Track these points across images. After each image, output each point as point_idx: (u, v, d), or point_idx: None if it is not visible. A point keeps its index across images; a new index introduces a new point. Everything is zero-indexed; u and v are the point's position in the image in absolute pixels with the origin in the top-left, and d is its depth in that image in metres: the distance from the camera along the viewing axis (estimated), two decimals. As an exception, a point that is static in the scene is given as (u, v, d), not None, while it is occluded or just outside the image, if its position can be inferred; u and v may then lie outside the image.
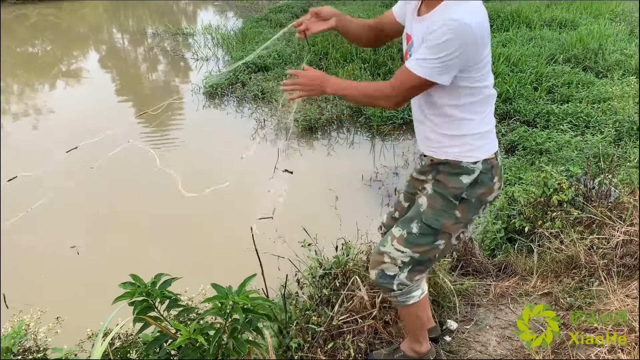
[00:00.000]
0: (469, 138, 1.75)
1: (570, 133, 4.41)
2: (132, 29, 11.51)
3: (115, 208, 4.00)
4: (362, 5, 10.29)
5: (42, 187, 3.58)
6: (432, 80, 1.62)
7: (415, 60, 1.61)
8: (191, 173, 4.46)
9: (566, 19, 8.45)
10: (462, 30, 1.55)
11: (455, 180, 1.77)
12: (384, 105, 1.71)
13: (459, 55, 1.58)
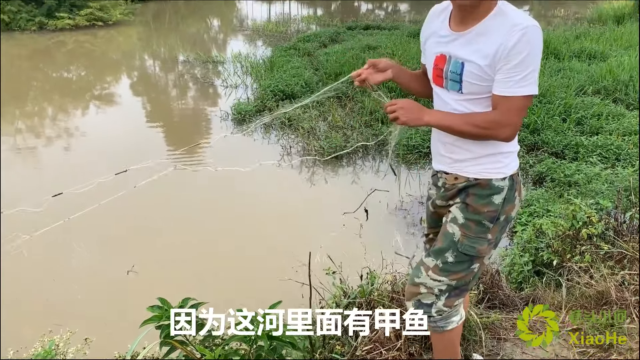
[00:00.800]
0: (500, 156, 1.74)
1: (600, 165, 4.35)
2: (164, 56, 11.82)
3: (153, 229, 4.06)
4: (389, 36, 10.39)
5: (82, 203, 3.68)
6: (534, 94, 1.61)
7: (521, 80, 1.58)
8: (222, 198, 4.51)
9: (595, 50, 8.40)
10: (538, 34, 1.57)
11: (488, 202, 1.75)
12: (498, 136, 1.65)
13: (539, 60, 1.60)
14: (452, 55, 1.69)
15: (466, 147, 1.74)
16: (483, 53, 1.60)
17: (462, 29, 1.66)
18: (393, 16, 18.01)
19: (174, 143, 6.13)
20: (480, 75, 1.63)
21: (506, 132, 1.62)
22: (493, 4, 1.63)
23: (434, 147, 1.89)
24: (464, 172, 1.77)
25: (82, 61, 10.87)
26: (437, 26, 1.76)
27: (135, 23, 14.57)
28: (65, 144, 6.13)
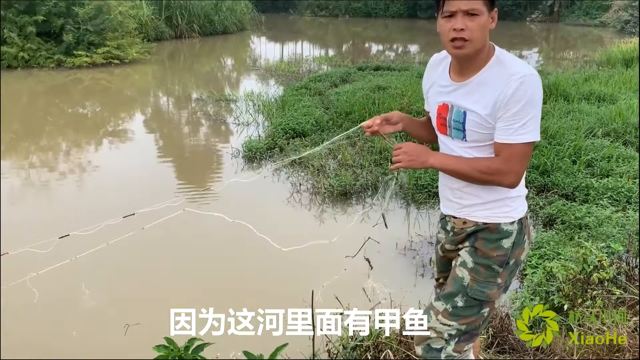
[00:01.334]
0: (508, 200, 1.76)
1: (610, 208, 4.32)
2: (178, 93, 12.06)
3: (160, 268, 4.07)
4: (399, 77, 10.55)
5: (89, 244, 3.71)
6: (536, 140, 1.64)
7: (520, 128, 1.61)
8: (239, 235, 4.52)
9: (605, 93, 8.46)
10: (537, 81, 1.62)
11: (497, 246, 1.76)
12: (502, 182, 1.68)
13: (540, 108, 1.63)
14: (454, 105, 1.73)
15: (474, 193, 1.77)
16: (483, 103, 1.65)
17: (462, 79, 1.72)
18: (403, 57, 18.30)
19: (185, 178, 6.18)
20: (482, 124, 1.68)
21: (509, 179, 1.66)
22: (491, 54, 1.68)
23: (442, 191, 1.91)
24: (473, 217, 1.79)
25: (97, 98, 11.10)
26: (438, 76, 1.82)
27: (151, 61, 14.91)
28: (77, 179, 6.19)
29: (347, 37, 27.33)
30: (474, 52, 1.67)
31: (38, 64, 12.89)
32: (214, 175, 6.31)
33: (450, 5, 1.62)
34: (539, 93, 1.62)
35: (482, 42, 1.65)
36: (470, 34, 1.61)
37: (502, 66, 1.65)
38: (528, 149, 1.64)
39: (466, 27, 1.61)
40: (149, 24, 18.04)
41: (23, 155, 7.16)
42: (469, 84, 1.70)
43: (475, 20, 1.61)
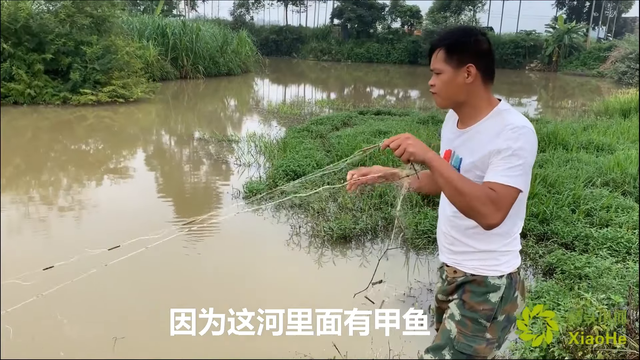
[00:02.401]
0: (497, 254, 1.77)
1: (610, 259, 4.31)
2: (181, 132, 12.18)
3: (145, 300, 4.02)
4: (399, 122, 10.69)
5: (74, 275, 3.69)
6: (522, 189, 1.65)
7: (507, 170, 1.63)
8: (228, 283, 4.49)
9: (603, 142, 8.55)
10: (531, 135, 1.67)
11: (484, 300, 1.76)
12: (486, 223, 1.61)
13: (531, 161, 1.67)
14: (455, 151, 1.80)
15: (464, 240, 1.79)
16: (477, 149, 1.72)
17: (463, 128, 1.79)
18: (404, 102, 18.56)
19: (182, 213, 6.18)
20: (474, 171, 1.73)
21: (495, 217, 1.61)
22: (492, 106, 1.76)
23: (438, 238, 1.94)
24: (462, 266, 1.81)
25: (100, 135, 11.21)
26: (450, 125, 1.90)
27: (156, 101, 15.13)
28: (75, 215, 6.19)
29: (349, 81, 27.83)
30: (448, 104, 1.83)
31: (44, 100, 13.08)
32: (214, 215, 6.30)
33: (431, 65, 1.83)
34: (531, 146, 1.65)
35: (453, 96, 1.79)
36: (437, 89, 1.80)
37: (500, 117, 1.73)
38: (515, 194, 1.63)
39: (434, 82, 1.81)
40: (155, 64, 18.40)
41: (23, 190, 7.17)
42: (468, 131, 1.78)
43: (439, 77, 1.79)
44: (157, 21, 21.08)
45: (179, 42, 20.32)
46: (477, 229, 1.75)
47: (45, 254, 4.89)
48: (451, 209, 1.82)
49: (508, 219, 1.73)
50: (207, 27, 23.31)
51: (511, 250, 1.78)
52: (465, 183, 1.63)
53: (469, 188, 1.62)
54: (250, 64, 25.49)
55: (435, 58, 1.78)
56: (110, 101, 13.61)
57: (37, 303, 2.15)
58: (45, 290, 2.16)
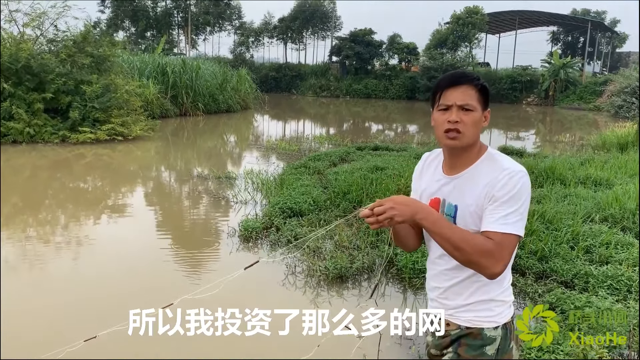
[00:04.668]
0: (492, 304, 1.72)
1: (610, 299, 4.23)
2: (180, 169, 12.19)
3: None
4: (396, 158, 10.70)
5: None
6: (521, 235, 1.60)
7: (505, 218, 1.59)
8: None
9: (601, 177, 8.53)
10: (526, 180, 1.64)
11: (480, 354, 1.71)
12: (486, 269, 1.57)
13: (527, 205, 1.63)
14: (446, 199, 1.75)
15: (459, 292, 1.74)
16: (474, 195, 1.67)
17: (454, 173, 1.74)
18: (402, 137, 18.65)
19: (181, 261, 6.11)
20: (472, 217, 1.68)
21: (497, 267, 1.57)
22: (483, 150, 1.72)
23: (428, 290, 1.88)
24: (455, 319, 1.76)
25: (99, 173, 11.23)
26: (432, 172, 1.84)
27: (154, 138, 15.21)
28: (73, 256, 6.12)
29: (348, 116, 28.07)
30: (466, 146, 1.72)
31: (43, 139, 13.16)
32: (210, 254, 6.23)
33: (446, 99, 1.70)
34: (526, 190, 1.62)
35: (474, 138, 1.71)
36: (464, 126, 1.69)
37: (493, 161, 1.69)
38: (515, 241, 1.60)
39: (460, 120, 1.68)
40: (154, 102, 18.60)
41: (20, 228, 7.13)
42: (460, 177, 1.73)
43: (470, 115, 1.69)
44: (158, 60, 21.40)
45: (179, 80, 20.59)
46: (474, 277, 1.70)
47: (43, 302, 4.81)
48: (446, 264, 1.76)
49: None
50: (207, 65, 23.66)
51: (505, 300, 1.74)
52: (462, 236, 1.58)
53: (467, 241, 1.58)
54: (249, 101, 25.77)
55: (468, 94, 1.68)
56: (108, 139, 13.69)
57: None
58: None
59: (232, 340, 2.11)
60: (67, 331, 4.14)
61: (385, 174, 8.54)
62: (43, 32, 15.51)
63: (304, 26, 46.87)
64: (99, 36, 18.12)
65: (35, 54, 13.86)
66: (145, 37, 43.76)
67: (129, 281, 5.33)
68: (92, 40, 15.47)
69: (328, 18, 47.23)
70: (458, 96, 1.68)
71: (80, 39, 15.02)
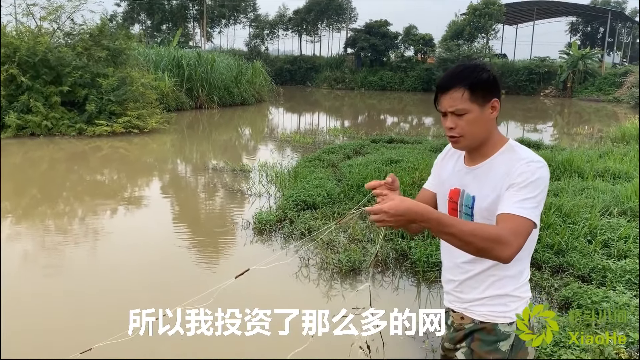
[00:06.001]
0: (508, 298, 1.70)
1: (628, 294, 4.16)
2: (196, 162, 12.26)
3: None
4: (411, 150, 10.63)
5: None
6: (536, 222, 1.57)
7: (521, 202, 1.56)
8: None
9: (620, 170, 8.40)
10: (545, 171, 1.62)
11: (494, 349, 1.69)
12: (500, 254, 1.52)
13: (544, 195, 1.61)
14: (465, 189, 1.73)
15: (474, 286, 1.72)
16: (491, 186, 1.65)
17: (473, 164, 1.72)
18: (417, 129, 18.54)
19: (196, 254, 6.14)
20: (490, 209, 1.65)
21: (509, 250, 1.51)
22: (502, 142, 1.70)
23: (443, 282, 1.86)
24: (470, 313, 1.74)
25: (115, 165, 11.33)
26: (454, 162, 1.83)
27: (170, 131, 15.30)
28: (90, 246, 6.18)
29: (362, 109, 27.96)
30: (473, 145, 1.72)
31: (60, 131, 13.31)
32: (224, 247, 6.27)
33: (441, 106, 1.72)
34: (544, 180, 1.59)
35: (479, 135, 1.69)
36: (461, 130, 1.69)
37: (512, 152, 1.67)
38: (529, 226, 1.56)
39: (456, 125, 1.69)
40: (170, 95, 18.69)
41: (40, 220, 7.24)
42: (479, 168, 1.72)
43: (463, 118, 1.68)
44: (173, 53, 21.48)
45: (194, 73, 20.66)
46: (489, 271, 1.68)
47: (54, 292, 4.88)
48: (462, 256, 1.73)
49: (519, 260, 1.65)
50: (222, 58, 23.70)
51: (521, 297, 1.71)
52: (469, 230, 1.53)
53: (475, 234, 1.52)
54: (264, 94, 25.78)
55: (455, 99, 1.66)
56: (124, 132, 13.81)
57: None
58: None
59: (232, 340, 2.10)
60: (73, 334, 4.19)
61: (399, 166, 8.49)
62: (60, 26, 15.67)
63: (319, 18, 46.71)
64: (115, 29, 18.23)
65: (52, 48, 14.00)
66: (161, 30, 43.96)
67: (140, 277, 5.33)
68: (108, 33, 15.57)
69: (343, 9, 47.00)
70: (447, 102, 1.68)
71: (96, 32, 15.14)
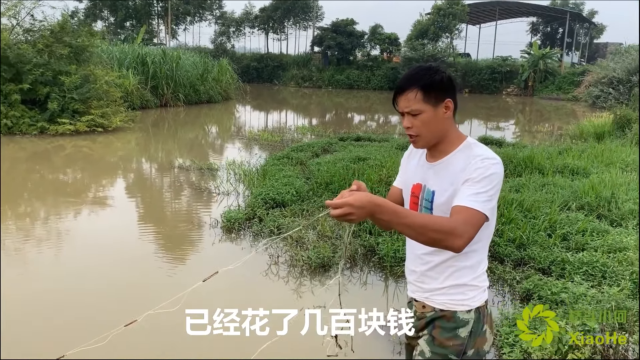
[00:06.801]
0: (466, 288, 1.78)
1: (585, 284, 4.34)
2: (160, 159, 12.11)
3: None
4: (379, 148, 10.76)
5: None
6: (487, 216, 1.66)
7: (474, 196, 1.64)
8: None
9: (578, 166, 8.69)
10: (499, 166, 1.70)
11: (454, 336, 1.77)
12: (452, 244, 1.59)
13: (497, 191, 1.69)
14: (425, 184, 1.80)
15: (434, 276, 1.80)
16: (449, 181, 1.74)
17: (434, 160, 1.80)
18: (384, 127, 18.74)
19: (163, 252, 6.10)
20: (447, 203, 1.73)
21: (460, 241, 1.59)
22: (461, 139, 1.78)
23: (406, 273, 1.94)
24: (431, 302, 1.82)
25: (79, 164, 11.11)
26: (417, 159, 1.91)
27: (135, 129, 15.07)
28: (52, 246, 6.07)
29: (330, 107, 28.06)
30: (430, 143, 1.82)
31: (21, 130, 12.95)
32: (191, 245, 6.24)
33: (398, 107, 1.82)
34: (498, 176, 1.68)
35: (434, 134, 1.79)
36: (417, 130, 1.78)
37: (469, 150, 1.76)
38: (480, 218, 1.64)
39: (412, 124, 1.79)
40: (134, 93, 18.39)
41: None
42: (439, 164, 1.80)
43: (418, 118, 1.77)
44: (137, 50, 21.14)
45: (159, 71, 20.37)
46: (448, 262, 1.77)
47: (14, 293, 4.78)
48: (421, 248, 1.82)
49: (476, 252, 1.75)
50: (187, 56, 23.43)
51: (479, 286, 1.80)
52: (422, 221, 1.59)
53: (427, 225, 1.59)
54: (231, 91, 25.61)
55: (410, 100, 1.75)
56: (88, 130, 13.53)
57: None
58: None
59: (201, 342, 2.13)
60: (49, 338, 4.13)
61: (367, 164, 8.59)
62: (19, 22, 15.24)
63: (286, 16, 46.63)
64: (77, 26, 17.81)
65: (11, 44, 13.60)
66: (125, 27, 43.12)
67: (106, 280, 5.21)
68: (70, 30, 15.20)
69: (309, 8, 47.02)
70: (403, 103, 1.78)
71: (57, 29, 14.76)
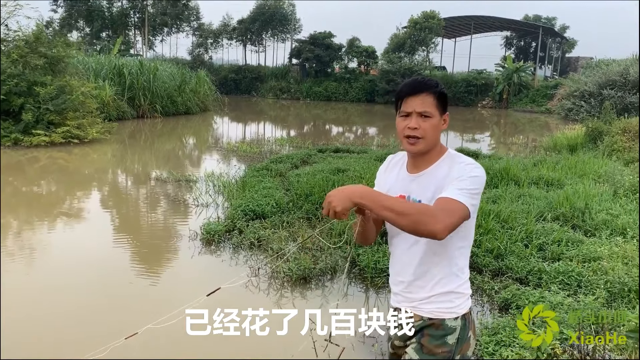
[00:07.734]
0: (453, 295, 1.82)
1: (561, 293, 4.42)
2: (137, 171, 11.98)
3: None
4: (357, 160, 10.83)
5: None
6: (470, 211, 1.70)
7: (458, 190, 1.69)
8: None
9: (552, 177, 8.87)
10: (482, 171, 1.77)
11: (442, 343, 1.80)
12: (433, 228, 1.61)
13: (479, 191, 1.73)
14: (410, 195, 1.83)
15: (422, 285, 1.83)
16: (434, 188, 1.77)
17: (417, 172, 1.84)
18: (362, 139, 18.86)
19: (140, 265, 6.02)
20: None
21: (440, 226, 1.62)
22: (443, 151, 1.82)
23: (392, 284, 1.95)
24: (419, 311, 1.84)
25: (54, 176, 10.92)
26: (396, 172, 1.93)
27: (111, 141, 14.90)
28: (25, 259, 5.95)
29: (308, 119, 28.14)
30: (427, 148, 1.85)
31: (-7, 142, 12.69)
32: (171, 258, 6.18)
33: (407, 107, 1.83)
34: (481, 179, 1.74)
35: (434, 141, 1.82)
36: (423, 132, 1.82)
37: (451, 159, 1.81)
38: (462, 209, 1.68)
39: (419, 126, 1.81)
40: (111, 104, 18.22)
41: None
42: (423, 175, 1.84)
43: (428, 121, 1.81)
44: (114, 61, 20.97)
45: (136, 82, 20.22)
46: (434, 271, 1.80)
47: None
48: (410, 259, 1.85)
49: (458, 257, 1.79)
50: (164, 67, 23.32)
51: (464, 293, 1.84)
52: (403, 204, 1.67)
53: (407, 207, 1.65)
54: (209, 103, 25.52)
55: (426, 102, 1.79)
56: (64, 142, 13.33)
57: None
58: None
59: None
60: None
61: (346, 175, 8.63)
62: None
63: (264, 28, 46.73)
64: (52, 36, 17.60)
65: (-16, 54, 13.38)
66: (101, 38, 42.72)
67: (86, 296, 5.18)
68: (45, 40, 15.02)
69: (287, 20, 47.26)
70: (417, 104, 1.80)
71: (32, 39, 14.57)
